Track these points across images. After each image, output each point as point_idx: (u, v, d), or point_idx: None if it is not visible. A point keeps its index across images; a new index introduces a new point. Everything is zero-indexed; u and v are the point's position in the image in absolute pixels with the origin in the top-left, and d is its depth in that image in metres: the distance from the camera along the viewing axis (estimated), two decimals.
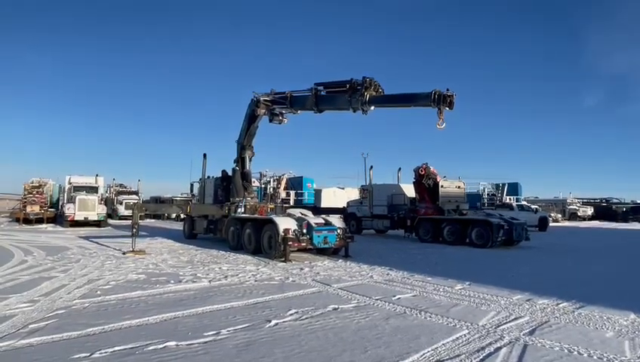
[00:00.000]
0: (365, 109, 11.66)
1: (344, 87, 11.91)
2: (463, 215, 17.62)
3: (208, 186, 16.62)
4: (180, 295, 6.99)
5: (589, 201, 48.59)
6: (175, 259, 11.50)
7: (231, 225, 13.97)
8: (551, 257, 13.21)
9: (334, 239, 11.82)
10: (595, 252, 15.23)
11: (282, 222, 11.45)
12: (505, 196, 33.80)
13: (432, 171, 18.25)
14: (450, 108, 10.26)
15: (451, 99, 10.19)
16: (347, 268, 10.26)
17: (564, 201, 45.20)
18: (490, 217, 15.96)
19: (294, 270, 9.77)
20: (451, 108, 10.27)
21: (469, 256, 13.32)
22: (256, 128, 14.84)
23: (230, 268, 9.97)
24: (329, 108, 12.54)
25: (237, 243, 13.50)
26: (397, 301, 6.76)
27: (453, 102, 10.23)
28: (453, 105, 10.25)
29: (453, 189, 18.25)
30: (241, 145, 15.18)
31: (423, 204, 18.33)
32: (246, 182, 14.93)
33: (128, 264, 10.37)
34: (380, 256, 12.66)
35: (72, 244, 14.80)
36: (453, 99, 10.23)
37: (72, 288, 7.38)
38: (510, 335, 4.99)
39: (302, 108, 13.14)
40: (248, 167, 15.20)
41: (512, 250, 15.16)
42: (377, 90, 11.69)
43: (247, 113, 14.73)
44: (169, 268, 9.87)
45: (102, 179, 28.42)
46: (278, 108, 13.99)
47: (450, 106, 10.24)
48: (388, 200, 20.09)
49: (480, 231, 15.64)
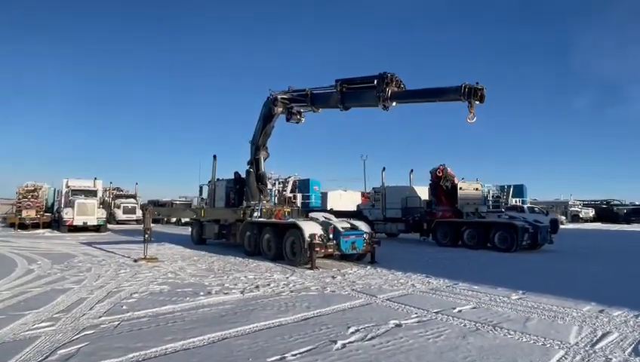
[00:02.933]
0: (387, 105, 11.18)
1: (371, 83, 11.35)
2: (481, 218, 17.07)
3: (219, 189, 15.85)
4: (217, 309, 6.26)
5: (590, 203, 48.42)
6: (192, 266, 10.74)
7: (247, 229, 13.24)
8: (583, 261, 12.66)
9: (362, 244, 11.14)
10: (623, 254, 14.73)
11: (308, 227, 10.75)
12: (510, 198, 33.43)
13: (450, 173, 17.69)
14: (482, 101, 9.84)
15: (482, 92, 9.74)
16: (381, 275, 9.59)
17: (565, 203, 44.99)
18: (514, 220, 15.40)
19: (326, 278, 9.07)
20: (482, 101, 9.84)
21: (498, 260, 12.71)
22: (272, 128, 14.14)
23: (256, 276, 9.24)
24: (355, 105, 11.93)
25: (254, 249, 12.77)
26: (460, 314, 6.10)
27: (484, 95, 9.78)
28: (485, 98, 9.80)
29: (472, 191, 17.70)
30: (255, 146, 14.47)
31: (440, 206, 17.75)
32: (261, 185, 14.21)
33: (145, 273, 9.59)
34: (408, 262, 12.02)
35: (76, 251, 13.95)
36: (484, 92, 9.77)
37: (93, 302, 6.61)
38: (617, 357, 4.36)
39: (325, 106, 12.49)
40: (263, 168, 14.49)
41: (538, 253, 14.60)
42: (399, 85, 11.20)
43: (262, 112, 14.03)
44: (190, 277, 9.12)
45: (100, 183, 27.47)
46: (297, 106, 13.32)
47: (482, 100, 9.80)
48: (402, 203, 19.48)
49: (503, 234, 15.06)
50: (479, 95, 9.73)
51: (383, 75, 11.11)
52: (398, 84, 11.19)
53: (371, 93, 11.37)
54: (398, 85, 11.20)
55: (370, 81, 11.38)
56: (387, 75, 11.05)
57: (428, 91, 10.93)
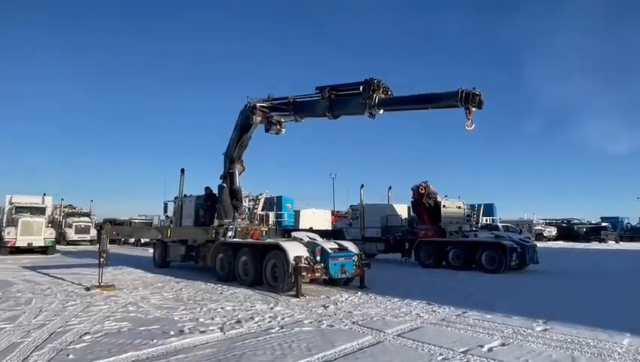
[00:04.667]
0: (374, 113, 10.39)
1: (357, 89, 10.52)
2: (465, 236, 16.45)
3: (187, 206, 14.34)
4: (195, 357, 4.92)
5: (552, 222, 49.85)
6: (157, 295, 9.21)
7: (219, 251, 11.82)
8: (579, 282, 12.11)
9: (352, 267, 10.04)
10: (610, 273, 14.40)
11: (292, 248, 9.54)
12: (481, 217, 33.52)
13: (432, 190, 17.05)
14: (480, 107, 9.21)
15: (480, 97, 9.12)
16: (378, 303, 8.50)
17: (530, 222, 45.96)
18: (501, 239, 14.82)
19: (317, 308, 7.87)
20: (481, 107, 9.23)
21: (492, 282, 11.95)
22: (249, 139, 12.95)
23: (235, 307, 7.90)
24: (343, 113, 11.00)
25: (228, 274, 11.34)
26: (493, 355, 5.08)
27: (482, 101, 9.17)
28: (483, 103, 9.20)
29: (454, 209, 17.11)
30: (229, 159, 13.18)
31: (422, 225, 17.01)
32: (236, 201, 12.87)
33: (99, 305, 8.01)
34: (398, 285, 11.03)
35: (15, 277, 11.96)
36: (482, 98, 9.16)
37: (28, 350, 5.09)
38: None
39: (310, 115, 11.48)
40: (238, 183, 13.19)
41: (527, 274, 14.01)
42: (386, 92, 10.47)
43: (238, 121, 12.83)
44: (155, 309, 7.64)
45: (50, 199, 24.91)
46: (277, 115, 12.24)
47: (480, 105, 9.18)
48: (382, 222, 18.61)
49: (491, 254, 14.42)
50: (477, 100, 9.10)
51: (369, 81, 10.35)
52: (385, 91, 10.48)
53: (357, 101, 10.57)
54: (386, 92, 10.49)
55: (356, 88, 10.58)
56: (373, 81, 10.32)
57: (420, 97, 10.16)
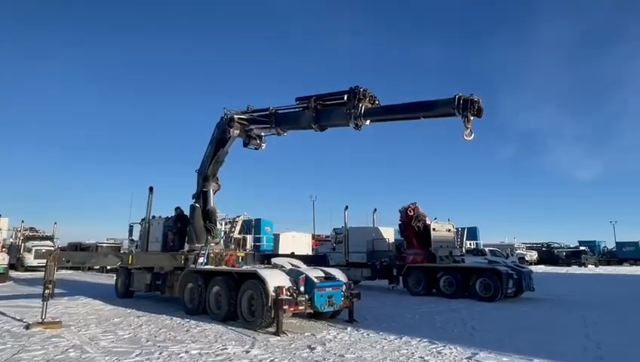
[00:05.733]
0: (360, 124, 9.43)
1: (341, 99, 9.59)
2: (457, 262, 15.49)
3: (155, 229, 12.89)
4: None
5: (533, 246, 49.86)
6: (110, 335, 7.74)
7: (189, 280, 10.41)
8: (584, 313, 11.19)
9: (340, 299, 8.83)
10: (617, 303, 13.57)
11: (272, 278, 8.29)
12: (465, 241, 32.86)
13: (421, 212, 16.12)
14: (479, 115, 8.28)
15: (478, 104, 8.21)
16: (372, 342, 7.29)
17: (511, 246, 45.68)
18: (496, 265, 13.88)
19: (302, 351, 6.61)
20: (480, 115, 8.29)
21: (494, 314, 10.88)
22: (225, 154, 11.75)
23: (203, 351, 6.54)
24: (330, 125, 10.00)
25: (197, 306, 9.92)
26: None
27: (481, 108, 8.24)
28: (482, 111, 8.26)
29: (444, 233, 16.19)
30: (203, 176, 11.92)
31: (411, 249, 15.99)
32: (210, 224, 11.55)
33: (33, 349, 6.52)
34: (392, 318, 9.84)
35: None
36: (481, 105, 8.26)
37: None
38: None
39: (294, 127, 10.43)
40: (212, 203, 11.89)
41: (525, 303, 13.03)
42: (373, 101, 9.57)
43: (214, 135, 11.67)
44: (102, 355, 6.22)
45: (6, 221, 22.90)
46: (257, 128, 11.16)
47: (479, 113, 8.24)
48: (368, 246, 17.46)
49: (486, 281, 13.44)
50: (476, 108, 8.20)
51: (354, 90, 9.42)
52: (372, 100, 9.56)
53: (342, 111, 9.61)
54: (372, 101, 9.57)
55: (340, 97, 9.64)
56: (359, 89, 9.40)
57: (412, 106, 9.19)
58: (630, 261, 47.02)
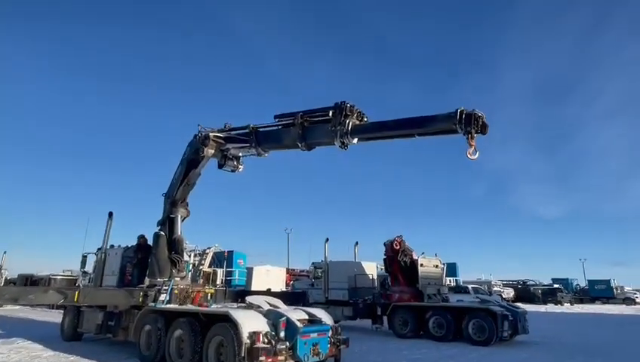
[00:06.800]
0: (346, 143, 8.44)
1: (326, 115, 8.65)
2: (445, 300, 14.40)
3: (112, 260, 11.27)
4: None
5: (509, 283, 49.46)
6: None
7: (147, 321, 8.86)
8: (590, 360, 10.22)
9: (327, 346, 7.53)
10: (618, 348, 12.68)
11: (246, 321, 6.95)
12: (445, 277, 31.92)
13: (407, 246, 15.10)
14: (484, 132, 7.29)
15: (483, 119, 7.25)
16: None
17: (489, 283, 45.12)
18: (489, 305, 12.83)
19: None
20: (485, 132, 7.29)
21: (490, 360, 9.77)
22: (197, 176, 10.51)
23: None
24: (316, 144, 8.96)
25: (155, 354, 8.37)
26: None
27: (486, 124, 7.25)
28: (487, 128, 7.27)
29: (432, 269, 15.15)
30: (171, 201, 10.56)
31: (397, 286, 14.81)
32: (175, 255, 10.10)
33: None
34: None
35: None
36: (485, 120, 7.33)
37: None
38: None
39: (277, 146, 9.33)
40: (180, 232, 10.50)
41: (522, 348, 11.96)
42: (361, 118, 8.64)
43: (185, 154, 10.46)
44: None
45: None
46: (235, 148, 10.03)
47: (484, 130, 7.25)
48: (349, 282, 16.17)
49: (479, 323, 12.33)
50: (480, 123, 7.26)
51: (340, 105, 8.48)
52: (359, 117, 8.61)
53: (326, 128, 8.64)
54: (360, 118, 8.63)
55: (325, 114, 8.70)
56: (346, 104, 8.46)
57: (406, 122, 8.18)
58: (602, 299, 47.26)
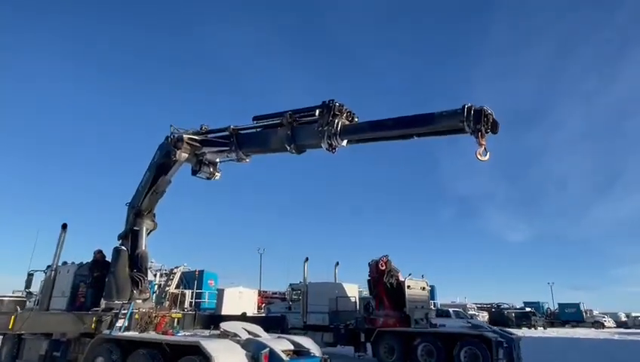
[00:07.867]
0: (335, 145, 7.57)
1: (313, 114, 7.77)
2: (434, 326, 13.46)
3: (63, 279, 9.72)
4: None
5: (483, 306, 49.29)
6: None
7: (99, 353, 7.45)
8: None
9: None
10: None
11: (222, 354, 5.75)
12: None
13: (394, 266, 14.17)
14: (494, 131, 6.53)
15: (493, 117, 6.50)
16: None
17: (464, 306, 44.71)
18: (482, 331, 11.97)
19: None
20: (495, 131, 6.53)
21: None
22: (167, 183, 9.30)
23: None
24: (306, 146, 7.99)
25: None
26: None
27: (497, 123, 6.51)
28: (498, 126, 6.53)
29: (419, 291, 14.24)
30: (135, 211, 9.27)
31: (382, 310, 13.75)
32: (138, 273, 8.75)
33: None
34: None
35: None
36: (495, 118, 6.51)
37: None
38: None
39: (262, 150, 8.29)
40: (144, 246, 9.17)
41: None
42: (351, 118, 7.81)
43: (155, 158, 9.27)
44: None
45: None
46: (212, 153, 8.93)
47: (495, 129, 6.52)
48: (330, 306, 15.01)
49: (472, 350, 11.42)
50: (490, 121, 6.50)
51: (327, 104, 7.67)
52: (349, 117, 7.79)
53: (313, 129, 7.79)
54: (350, 119, 7.80)
55: (312, 113, 7.83)
56: (334, 103, 7.66)
57: (404, 120, 7.30)
58: (572, 323, 47.71)
